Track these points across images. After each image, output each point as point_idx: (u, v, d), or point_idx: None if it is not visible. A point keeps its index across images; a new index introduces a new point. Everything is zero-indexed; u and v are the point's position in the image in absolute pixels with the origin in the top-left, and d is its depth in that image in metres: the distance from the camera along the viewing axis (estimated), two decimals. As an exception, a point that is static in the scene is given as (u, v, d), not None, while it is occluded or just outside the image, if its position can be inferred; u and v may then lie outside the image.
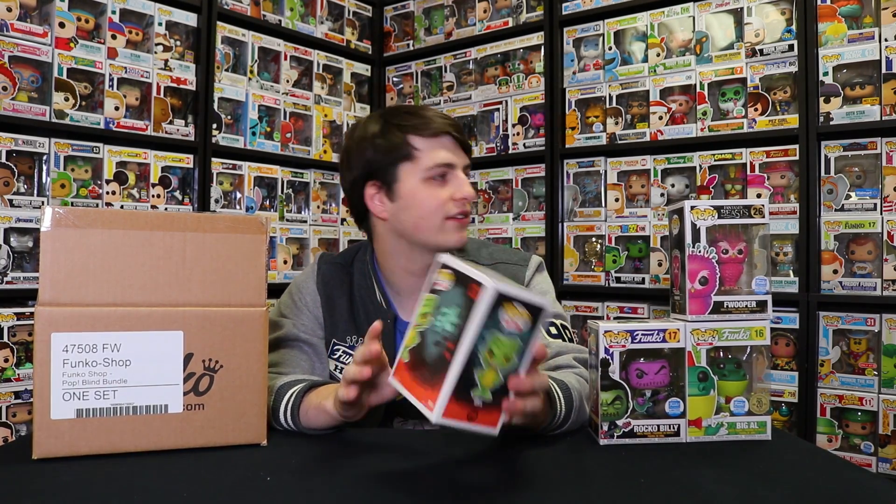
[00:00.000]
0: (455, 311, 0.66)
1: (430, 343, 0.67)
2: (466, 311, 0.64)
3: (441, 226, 1.01)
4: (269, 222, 2.30)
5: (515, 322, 0.66)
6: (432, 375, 0.66)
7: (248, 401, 0.81)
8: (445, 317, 0.67)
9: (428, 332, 0.68)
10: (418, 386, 0.67)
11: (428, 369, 0.67)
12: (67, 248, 0.75)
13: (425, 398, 0.65)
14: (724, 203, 0.87)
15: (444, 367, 0.64)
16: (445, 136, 1.02)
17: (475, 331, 0.63)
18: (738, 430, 0.86)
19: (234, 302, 0.81)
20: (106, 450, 0.76)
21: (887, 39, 1.72)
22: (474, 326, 0.63)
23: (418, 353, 0.68)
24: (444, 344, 0.65)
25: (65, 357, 0.74)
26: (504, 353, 0.67)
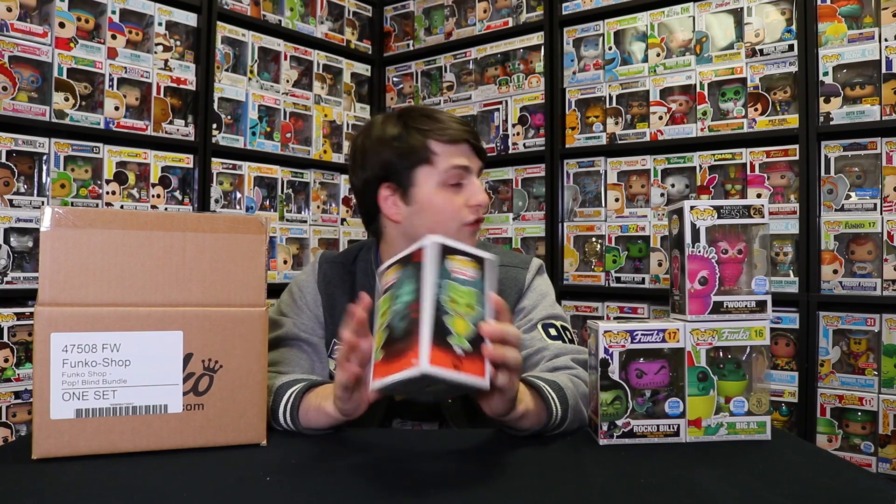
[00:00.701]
0: (410, 284, 0.69)
1: (396, 324, 0.68)
2: (419, 272, 0.68)
3: (457, 231, 1.01)
4: (269, 222, 2.30)
5: (464, 271, 0.70)
6: (405, 343, 0.66)
7: (248, 401, 0.81)
8: (402, 296, 0.69)
9: (392, 318, 0.69)
10: (396, 362, 0.66)
11: (401, 340, 0.66)
12: (67, 248, 0.75)
13: (407, 363, 0.64)
14: (724, 203, 0.87)
15: (415, 328, 0.65)
16: (464, 144, 1.02)
17: (431, 279, 0.67)
18: (738, 431, 0.86)
19: (234, 302, 0.81)
20: (105, 450, 0.76)
21: (887, 39, 1.72)
22: (429, 275, 0.67)
23: (389, 343, 0.68)
24: (409, 313, 0.67)
25: (64, 357, 0.74)
26: (465, 301, 0.69)
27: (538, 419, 0.83)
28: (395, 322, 0.68)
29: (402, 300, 0.69)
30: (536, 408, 0.83)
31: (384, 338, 0.69)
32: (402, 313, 0.68)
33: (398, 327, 0.67)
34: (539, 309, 1.06)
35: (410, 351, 0.64)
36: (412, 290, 0.68)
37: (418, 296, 0.66)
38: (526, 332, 1.05)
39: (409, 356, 0.64)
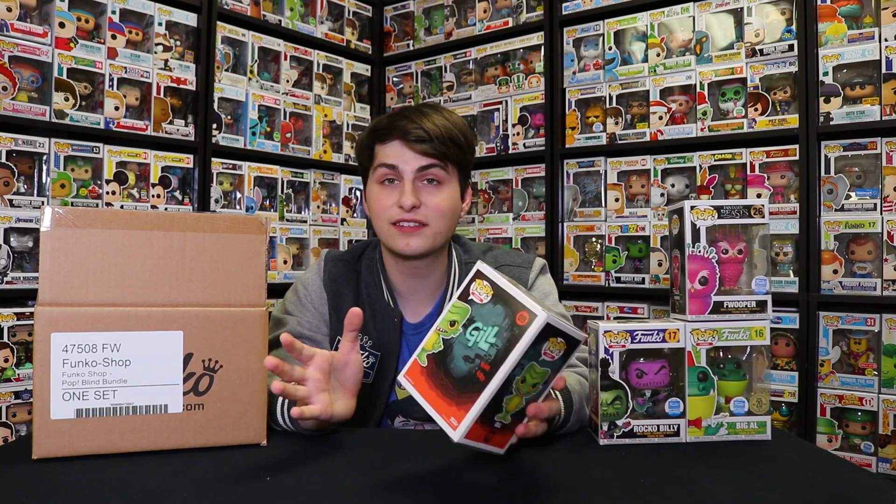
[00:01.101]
0: (493, 330, 0.64)
1: (457, 356, 0.66)
2: (510, 335, 0.62)
3: (388, 231, 1.02)
4: (269, 222, 2.30)
5: (552, 353, 0.66)
6: (459, 392, 0.64)
7: (248, 400, 0.81)
8: (481, 333, 0.65)
9: (456, 343, 0.66)
10: (438, 397, 0.65)
11: (453, 383, 0.65)
12: (67, 248, 0.75)
13: (448, 414, 0.64)
14: (724, 203, 0.87)
15: (474, 388, 0.63)
16: (395, 141, 1.02)
17: (516, 358, 0.62)
18: (738, 430, 0.86)
19: (234, 302, 0.81)
20: (105, 450, 0.76)
21: (887, 39, 1.72)
22: (517, 355, 0.62)
23: (440, 362, 0.67)
24: (478, 363, 0.64)
25: (64, 357, 0.74)
26: (535, 381, 0.66)
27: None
28: (458, 352, 0.66)
29: (476, 339, 0.65)
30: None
31: (436, 349, 0.68)
32: (470, 356, 0.65)
33: (458, 363, 0.65)
34: None
35: (456, 407, 0.64)
36: (493, 343, 0.64)
37: (497, 362, 0.62)
38: None
39: (452, 411, 0.64)
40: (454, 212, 1.05)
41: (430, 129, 1.00)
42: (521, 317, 0.63)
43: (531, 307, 0.63)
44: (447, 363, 0.66)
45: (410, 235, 1.01)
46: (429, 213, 1.01)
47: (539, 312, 0.62)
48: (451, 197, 1.04)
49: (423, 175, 1.02)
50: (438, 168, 1.02)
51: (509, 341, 0.62)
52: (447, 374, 0.65)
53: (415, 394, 0.68)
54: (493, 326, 0.64)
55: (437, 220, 1.01)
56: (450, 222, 1.04)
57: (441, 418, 0.64)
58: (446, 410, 0.64)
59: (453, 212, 1.04)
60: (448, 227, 1.04)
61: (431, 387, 0.66)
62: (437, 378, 0.66)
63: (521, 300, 0.64)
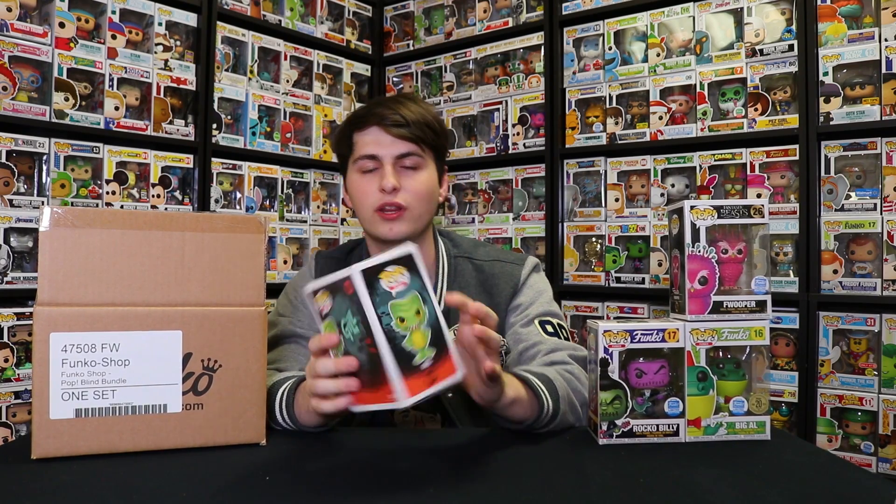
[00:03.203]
0: (349, 314, 0.67)
1: (356, 353, 0.68)
2: (357, 306, 0.65)
3: (371, 218, 1.05)
4: (268, 222, 2.30)
5: (397, 281, 0.67)
6: (374, 375, 0.67)
7: (248, 400, 0.81)
8: (348, 325, 0.68)
9: (349, 348, 0.69)
10: (371, 393, 0.68)
11: (368, 375, 0.68)
12: (66, 248, 0.75)
13: (384, 397, 0.66)
14: (724, 203, 0.87)
15: (379, 364, 0.65)
16: (373, 128, 1.04)
17: (372, 313, 0.65)
18: (738, 430, 0.86)
19: (233, 301, 0.81)
20: (105, 449, 0.76)
21: (887, 39, 1.72)
22: (369, 310, 0.65)
23: (358, 370, 0.69)
24: (364, 345, 0.67)
25: (64, 357, 0.74)
26: (412, 310, 0.67)
27: (531, 409, 0.83)
28: (355, 351, 0.69)
29: (351, 331, 0.68)
30: (527, 397, 0.83)
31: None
32: (359, 345, 0.68)
33: (361, 358, 0.68)
34: (536, 305, 1.07)
35: (384, 386, 0.66)
36: (357, 321, 0.67)
37: (368, 329, 0.65)
38: (522, 326, 1.05)
39: (384, 392, 0.66)
40: (432, 195, 1.08)
41: (407, 115, 1.03)
42: (347, 286, 0.66)
43: (343, 272, 0.66)
44: (361, 366, 0.69)
45: (393, 221, 1.04)
46: (408, 196, 1.04)
47: (350, 271, 0.65)
48: (430, 181, 1.07)
49: (402, 161, 1.05)
50: (416, 156, 1.05)
51: (359, 308, 0.65)
52: (365, 372, 0.69)
53: (366, 408, 0.70)
54: (347, 312, 0.67)
55: (416, 203, 1.05)
56: (428, 206, 1.07)
57: (384, 404, 0.67)
58: (382, 396, 0.66)
59: (431, 195, 1.07)
60: (427, 210, 1.07)
61: (366, 390, 0.69)
62: (365, 381, 0.69)
63: (338, 276, 0.67)
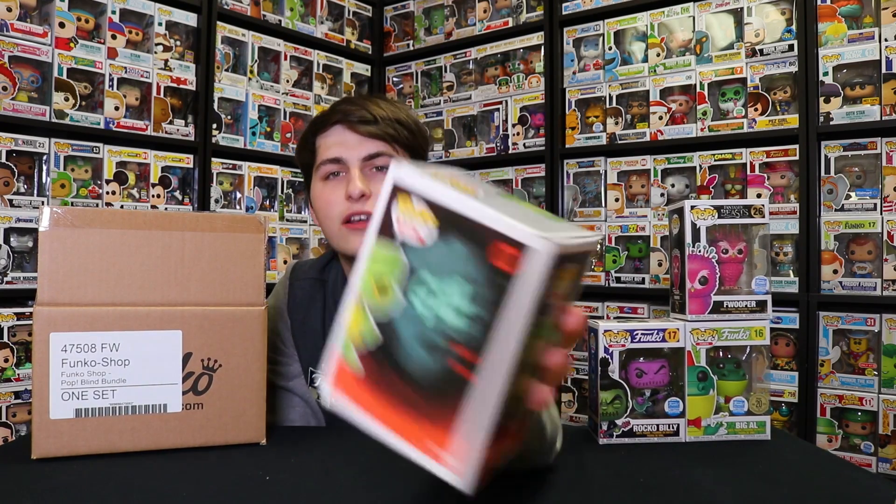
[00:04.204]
0: (460, 288, 0.37)
1: (409, 341, 0.38)
2: (493, 293, 0.35)
3: (339, 232, 0.90)
4: (268, 222, 2.30)
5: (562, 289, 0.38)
6: (432, 403, 0.38)
7: (248, 400, 0.81)
8: (439, 297, 0.37)
9: (400, 321, 0.39)
10: (402, 419, 0.39)
11: (416, 390, 0.38)
12: (66, 248, 0.75)
13: (429, 444, 0.39)
14: (725, 203, 0.87)
15: (458, 391, 0.37)
16: (336, 127, 0.91)
17: (523, 327, 0.35)
18: (738, 430, 0.86)
19: (233, 301, 0.81)
20: (105, 449, 0.76)
21: (887, 39, 1.72)
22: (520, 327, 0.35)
23: (383, 357, 0.40)
24: (450, 349, 0.37)
25: (63, 357, 0.74)
26: (540, 338, 0.39)
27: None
28: (413, 345, 0.38)
29: (438, 313, 0.37)
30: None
31: (370, 339, 0.40)
32: (434, 339, 0.38)
33: (419, 360, 0.38)
34: None
35: (441, 430, 0.38)
36: (468, 312, 0.36)
37: (482, 341, 0.36)
38: None
39: (437, 437, 0.38)
40: None
41: (375, 111, 0.89)
42: (500, 253, 0.35)
43: (515, 232, 0.35)
44: (396, 356, 0.39)
45: (363, 232, 0.87)
46: None
47: (534, 240, 0.34)
48: None
49: (371, 163, 0.90)
50: (387, 155, 0.90)
51: (495, 304, 0.35)
52: (402, 374, 0.39)
53: (360, 418, 0.42)
54: (457, 280, 0.37)
55: None
56: None
57: (417, 450, 0.39)
58: (424, 438, 0.39)
59: None
60: None
61: (384, 401, 0.40)
62: (389, 386, 0.40)
63: (490, 221, 0.36)
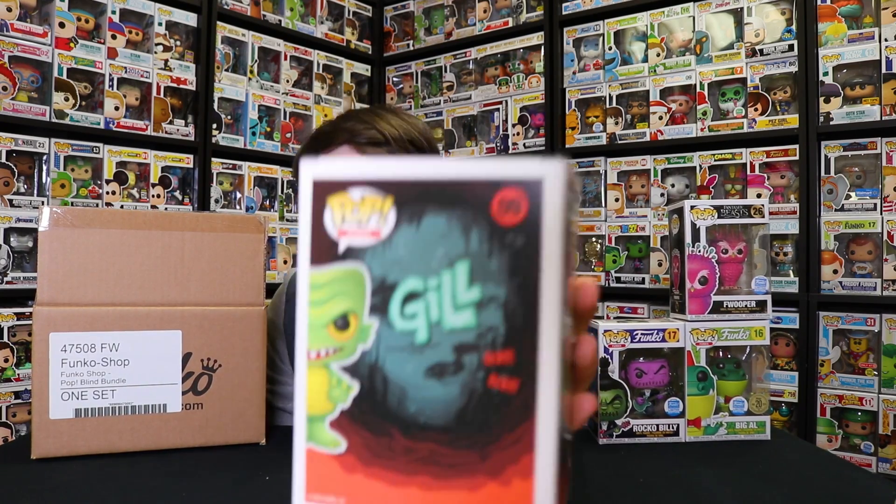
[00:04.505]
0: (450, 269, 0.27)
1: (404, 376, 0.29)
2: (502, 256, 0.27)
3: None
4: (268, 222, 2.30)
5: (573, 241, 0.31)
6: (470, 449, 0.28)
7: (247, 400, 0.81)
8: (424, 298, 0.28)
9: (380, 351, 0.29)
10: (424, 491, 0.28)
11: (437, 440, 0.28)
12: (65, 248, 0.75)
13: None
14: (724, 203, 0.87)
15: (505, 416, 0.27)
16: (342, 147, 0.83)
17: (559, 283, 0.26)
18: (738, 430, 0.86)
19: (233, 301, 0.81)
20: (105, 449, 0.76)
21: (887, 39, 1.72)
22: (555, 276, 0.26)
23: (370, 408, 0.30)
24: (469, 360, 0.27)
25: (63, 357, 0.74)
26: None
27: None
28: (413, 380, 0.28)
29: (440, 322, 0.28)
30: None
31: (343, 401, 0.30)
32: (447, 363, 0.28)
33: (436, 403, 0.28)
34: None
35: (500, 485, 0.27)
36: (483, 297, 0.27)
37: (520, 330, 0.27)
38: None
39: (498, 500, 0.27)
40: None
41: (386, 130, 0.80)
42: (493, 204, 0.27)
43: (510, 170, 0.27)
44: (387, 402, 0.29)
45: None
46: None
47: (539, 167, 0.26)
48: None
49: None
50: None
51: (509, 270, 0.27)
52: (405, 425, 0.29)
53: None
54: (443, 263, 0.27)
55: None
56: None
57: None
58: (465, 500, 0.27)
59: None
60: None
61: (382, 472, 0.30)
62: (386, 445, 0.29)
63: (473, 171, 0.27)
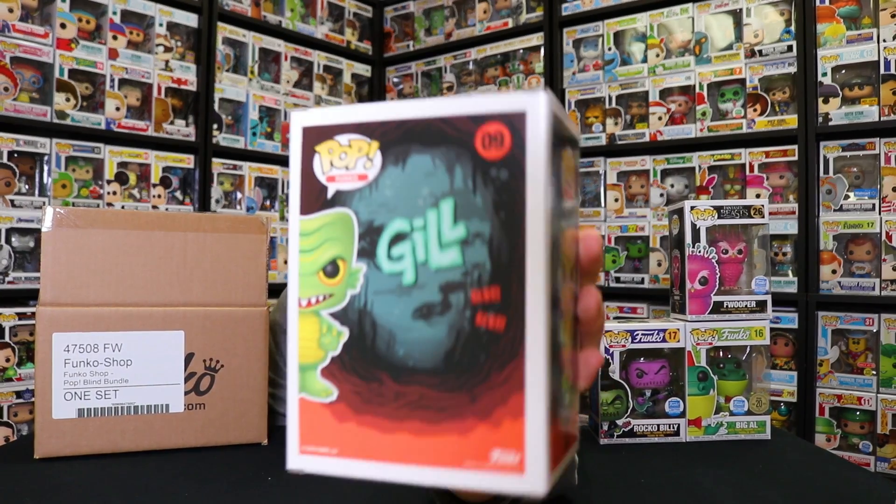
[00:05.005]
0: (435, 207, 0.27)
1: (392, 317, 0.29)
2: (487, 191, 0.27)
3: None
4: (270, 222, 2.30)
5: (570, 184, 0.30)
6: (458, 391, 0.28)
7: (249, 400, 0.81)
8: (410, 239, 0.28)
9: (368, 295, 0.29)
10: (416, 435, 0.30)
11: (426, 383, 0.28)
12: (68, 249, 0.76)
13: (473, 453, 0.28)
14: (724, 203, 0.87)
15: (491, 355, 0.27)
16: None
17: (545, 214, 0.26)
18: (738, 430, 0.87)
19: (235, 301, 0.82)
20: (107, 449, 0.76)
21: (885, 40, 1.72)
22: (541, 206, 0.26)
23: (360, 354, 0.30)
24: (455, 299, 0.27)
25: (66, 357, 0.74)
26: (566, 270, 0.30)
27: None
28: (401, 322, 0.28)
29: (420, 258, 0.28)
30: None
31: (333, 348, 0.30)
32: (435, 302, 0.28)
33: (425, 344, 0.28)
34: None
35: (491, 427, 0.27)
36: (470, 233, 0.27)
37: (505, 265, 0.26)
38: None
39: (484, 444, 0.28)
40: None
41: None
42: (477, 139, 0.27)
43: (492, 104, 0.27)
44: (377, 346, 0.29)
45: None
46: None
47: (521, 98, 0.26)
48: None
49: None
50: None
51: (495, 205, 0.27)
52: (395, 370, 0.29)
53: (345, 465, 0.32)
54: (427, 202, 0.28)
55: None
56: None
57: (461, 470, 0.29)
58: (455, 445, 0.28)
59: None
60: None
61: (374, 418, 0.30)
62: (377, 391, 0.29)
63: (455, 107, 0.27)
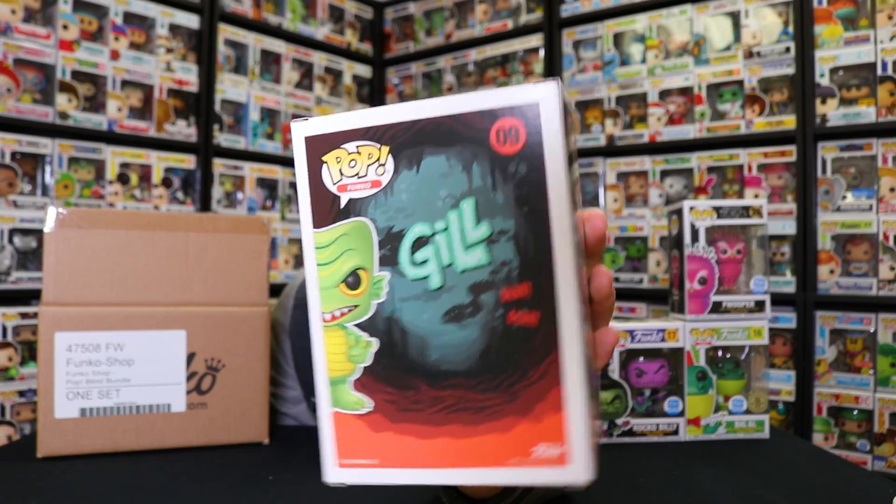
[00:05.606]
0: (456, 208, 0.29)
1: (422, 324, 0.30)
2: (507, 187, 0.28)
3: None
4: (271, 223, 2.31)
5: (576, 193, 0.31)
6: (496, 390, 0.29)
7: (251, 399, 0.82)
8: (434, 243, 0.29)
9: (395, 304, 0.30)
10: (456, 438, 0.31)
11: (462, 386, 0.29)
12: (70, 249, 0.76)
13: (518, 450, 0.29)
14: (723, 203, 0.88)
15: (528, 351, 0.28)
16: None
17: (568, 203, 0.27)
18: (737, 429, 0.87)
19: (237, 301, 0.82)
20: (109, 448, 0.76)
21: (882, 42, 1.73)
22: (563, 197, 0.27)
23: (392, 363, 0.31)
24: (486, 299, 0.28)
25: (68, 356, 0.75)
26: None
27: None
28: (432, 327, 0.30)
29: (445, 260, 0.29)
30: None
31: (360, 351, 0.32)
32: (464, 305, 0.29)
33: (458, 347, 0.29)
34: None
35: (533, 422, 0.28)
36: (494, 231, 0.28)
37: (534, 261, 0.27)
38: None
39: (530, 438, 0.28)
40: None
41: None
42: (492, 136, 0.28)
43: (503, 98, 0.28)
44: (409, 353, 0.30)
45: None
46: None
47: (532, 90, 0.28)
48: None
49: None
50: None
51: (517, 200, 0.28)
52: (429, 375, 0.30)
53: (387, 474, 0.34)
54: (447, 203, 0.29)
55: None
56: None
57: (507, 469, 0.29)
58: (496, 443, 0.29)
59: None
60: None
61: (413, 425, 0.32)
62: (413, 399, 0.31)
63: (466, 104, 0.29)
